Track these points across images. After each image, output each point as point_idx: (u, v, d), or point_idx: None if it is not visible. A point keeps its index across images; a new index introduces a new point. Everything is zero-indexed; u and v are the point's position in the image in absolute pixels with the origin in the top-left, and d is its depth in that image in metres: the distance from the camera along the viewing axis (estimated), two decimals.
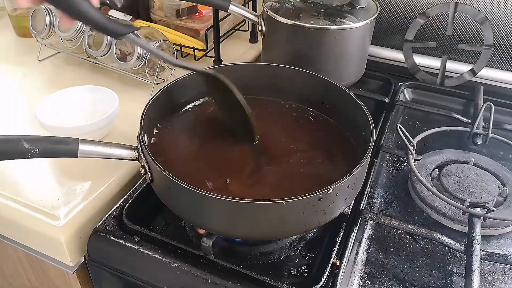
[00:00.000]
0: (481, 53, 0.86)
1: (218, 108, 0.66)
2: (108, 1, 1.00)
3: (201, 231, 0.58)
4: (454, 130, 0.75)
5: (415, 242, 0.60)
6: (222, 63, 0.92)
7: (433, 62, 0.93)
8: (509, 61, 0.91)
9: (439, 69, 0.90)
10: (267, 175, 0.59)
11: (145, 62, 0.80)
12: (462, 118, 0.80)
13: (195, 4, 0.95)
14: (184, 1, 0.93)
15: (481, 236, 0.57)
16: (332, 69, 0.80)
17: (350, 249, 0.56)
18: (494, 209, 0.59)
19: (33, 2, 0.46)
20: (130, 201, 0.61)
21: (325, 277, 0.51)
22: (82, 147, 0.51)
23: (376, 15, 0.79)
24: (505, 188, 0.65)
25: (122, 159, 0.55)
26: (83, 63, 0.92)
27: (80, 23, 0.84)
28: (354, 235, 0.58)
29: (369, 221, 0.62)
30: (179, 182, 0.48)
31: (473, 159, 0.70)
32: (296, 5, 0.81)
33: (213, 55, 0.93)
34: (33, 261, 0.69)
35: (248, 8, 0.98)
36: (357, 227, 0.59)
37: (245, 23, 1.08)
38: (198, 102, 0.70)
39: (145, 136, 0.57)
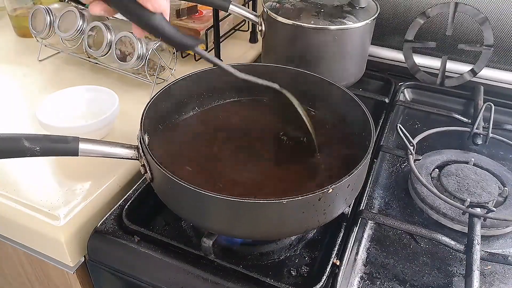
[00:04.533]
0: (481, 53, 0.86)
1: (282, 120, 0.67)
2: None
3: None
4: (454, 130, 0.75)
5: (415, 242, 0.60)
6: None
7: (433, 62, 0.93)
8: (509, 61, 0.91)
9: (439, 69, 0.90)
10: (267, 175, 0.59)
11: (145, 62, 0.80)
12: (462, 118, 0.80)
13: (195, 4, 0.95)
14: (184, 1, 0.93)
15: (481, 236, 0.57)
16: (332, 69, 0.80)
17: (350, 249, 0.56)
18: (494, 209, 0.59)
19: (105, 11, 0.47)
20: (130, 201, 0.61)
21: (325, 277, 0.51)
22: (82, 146, 0.51)
23: (376, 15, 0.79)
24: (505, 188, 0.65)
25: (122, 158, 0.55)
26: (83, 63, 0.92)
27: (80, 23, 0.84)
28: (354, 235, 0.58)
29: (369, 221, 0.62)
30: (179, 181, 0.48)
31: (473, 159, 0.70)
32: (296, 5, 0.81)
33: (213, 55, 0.93)
34: (33, 261, 0.69)
35: (248, 8, 0.98)
36: (357, 227, 0.59)
37: (245, 23, 1.08)
38: (198, 101, 0.70)
39: (146, 135, 0.57)
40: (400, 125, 0.67)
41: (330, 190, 0.48)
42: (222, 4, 0.80)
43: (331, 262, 0.53)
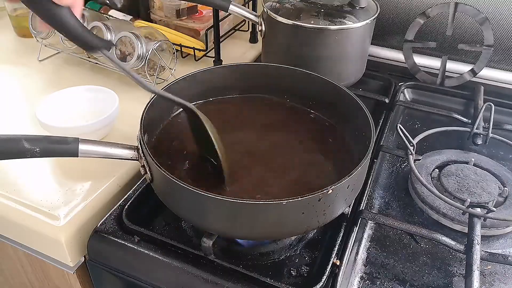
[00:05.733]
0: (481, 53, 0.86)
1: (195, 141, 0.60)
2: (108, 1, 1.00)
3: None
4: (454, 130, 0.75)
5: (415, 242, 0.60)
6: (222, 63, 0.92)
7: (433, 62, 0.93)
8: (509, 61, 0.91)
9: (439, 69, 0.90)
10: (268, 174, 0.59)
11: (145, 62, 0.80)
12: (462, 118, 0.80)
13: (195, 4, 0.95)
14: (184, 1, 0.93)
15: (481, 236, 0.57)
16: (332, 69, 0.80)
17: (350, 249, 0.56)
18: (494, 209, 0.59)
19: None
20: (130, 201, 0.61)
21: (325, 277, 0.51)
22: (82, 146, 0.51)
23: (376, 15, 0.79)
24: (505, 188, 0.65)
25: (122, 159, 0.55)
26: (83, 63, 0.92)
27: None
28: (354, 235, 0.58)
29: (369, 221, 0.62)
30: (179, 182, 0.48)
31: (473, 159, 0.70)
32: (296, 5, 0.81)
33: (213, 55, 0.93)
34: (33, 261, 0.69)
35: (248, 8, 0.98)
36: (357, 227, 0.59)
37: (245, 23, 1.08)
38: (198, 102, 0.70)
39: (145, 136, 0.57)
40: (400, 125, 0.67)
41: (330, 191, 0.48)
42: (222, 4, 0.80)
43: (331, 262, 0.53)
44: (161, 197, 0.55)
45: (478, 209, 0.58)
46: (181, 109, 0.68)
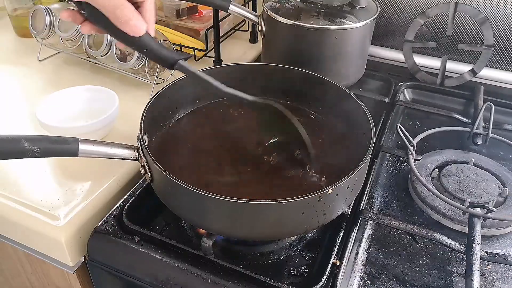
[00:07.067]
0: (481, 53, 0.86)
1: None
2: None
3: (202, 231, 0.58)
4: (454, 130, 0.75)
5: (415, 242, 0.60)
6: (222, 63, 0.92)
7: (433, 62, 0.93)
8: (509, 61, 0.91)
9: (439, 69, 0.90)
10: (268, 174, 0.59)
11: (145, 62, 0.80)
12: (462, 118, 0.80)
13: (195, 4, 0.95)
14: (184, 1, 0.93)
15: (481, 236, 0.57)
16: (332, 69, 0.80)
17: (350, 249, 0.56)
18: (494, 209, 0.59)
19: (95, 30, 0.48)
20: (130, 201, 0.61)
21: (325, 277, 0.51)
22: (82, 146, 0.51)
23: (376, 15, 0.79)
24: (505, 188, 0.65)
25: (122, 159, 0.54)
26: (83, 63, 0.92)
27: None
28: (354, 235, 0.58)
29: (369, 221, 0.62)
30: (179, 182, 0.48)
31: (473, 159, 0.70)
32: (296, 5, 0.81)
33: (213, 55, 0.93)
34: (33, 261, 0.69)
35: (248, 8, 0.98)
36: (357, 227, 0.59)
37: (245, 23, 1.08)
38: (198, 102, 0.70)
39: (145, 136, 0.57)
40: (400, 125, 0.67)
41: (330, 191, 0.48)
42: (222, 4, 0.80)
43: (331, 262, 0.53)
44: (161, 197, 0.55)
45: (478, 209, 0.58)
46: (182, 110, 0.68)
